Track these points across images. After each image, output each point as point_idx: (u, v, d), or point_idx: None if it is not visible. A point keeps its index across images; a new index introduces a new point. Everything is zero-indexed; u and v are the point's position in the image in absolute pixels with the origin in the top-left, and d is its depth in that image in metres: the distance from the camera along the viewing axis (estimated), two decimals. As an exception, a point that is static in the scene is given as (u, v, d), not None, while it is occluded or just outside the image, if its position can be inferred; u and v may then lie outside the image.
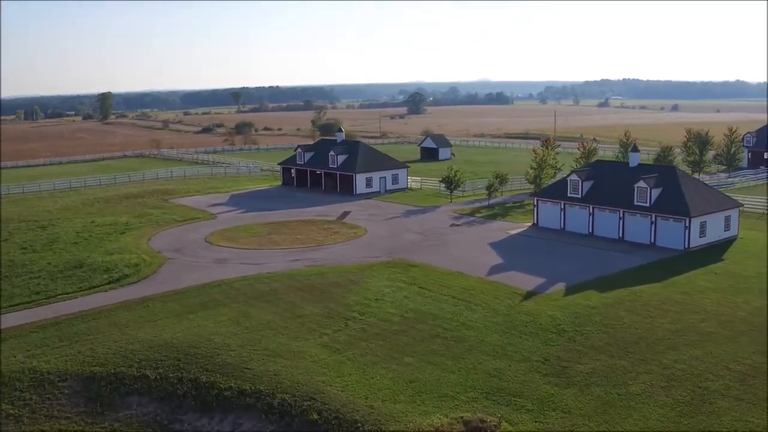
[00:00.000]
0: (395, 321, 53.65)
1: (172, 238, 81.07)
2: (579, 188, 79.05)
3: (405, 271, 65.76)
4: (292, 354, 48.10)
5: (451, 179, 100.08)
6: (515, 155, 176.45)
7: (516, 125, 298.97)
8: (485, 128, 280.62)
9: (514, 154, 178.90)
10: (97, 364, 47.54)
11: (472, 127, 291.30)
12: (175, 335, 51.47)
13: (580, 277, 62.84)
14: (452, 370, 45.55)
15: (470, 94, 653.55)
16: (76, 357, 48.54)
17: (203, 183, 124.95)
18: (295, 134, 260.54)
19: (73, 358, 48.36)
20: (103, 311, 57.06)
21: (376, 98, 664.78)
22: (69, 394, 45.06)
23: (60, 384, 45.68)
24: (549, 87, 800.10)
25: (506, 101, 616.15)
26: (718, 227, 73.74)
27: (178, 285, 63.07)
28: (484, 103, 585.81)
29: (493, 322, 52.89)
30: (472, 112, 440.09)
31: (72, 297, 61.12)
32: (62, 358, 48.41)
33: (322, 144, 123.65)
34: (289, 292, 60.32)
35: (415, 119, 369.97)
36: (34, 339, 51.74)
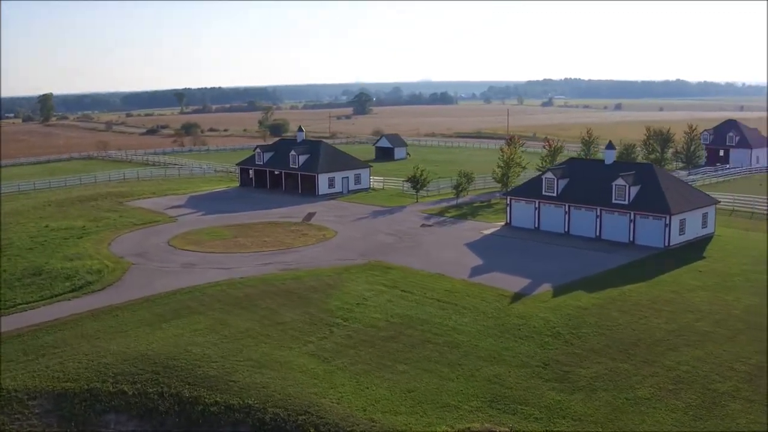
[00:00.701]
0: (382, 327, 51.31)
1: (133, 243, 77.26)
2: (554, 186, 77.75)
3: (383, 273, 63.45)
4: (278, 364, 45.38)
5: (417, 179, 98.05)
6: (470, 154, 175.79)
7: (465, 125, 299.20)
8: (434, 128, 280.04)
9: (469, 153, 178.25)
10: (68, 380, 44.08)
11: (422, 126, 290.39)
12: (150, 346, 48.26)
13: (564, 277, 61.37)
14: (450, 377, 43.44)
15: (414, 94, 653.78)
16: (44, 372, 44.97)
17: (158, 185, 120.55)
18: (242, 135, 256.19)
19: (42, 374, 44.79)
20: (69, 321, 53.43)
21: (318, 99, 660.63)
22: (40, 414, 41.63)
23: (29, 403, 42.17)
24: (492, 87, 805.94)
25: (450, 101, 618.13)
26: (696, 225, 73.22)
27: (147, 292, 59.65)
28: (429, 103, 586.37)
29: (484, 326, 50.94)
30: (419, 112, 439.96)
31: (33, 306, 57.27)
32: (29, 374, 44.81)
33: (282, 144, 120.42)
34: (266, 298, 57.48)
35: (362, 119, 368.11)
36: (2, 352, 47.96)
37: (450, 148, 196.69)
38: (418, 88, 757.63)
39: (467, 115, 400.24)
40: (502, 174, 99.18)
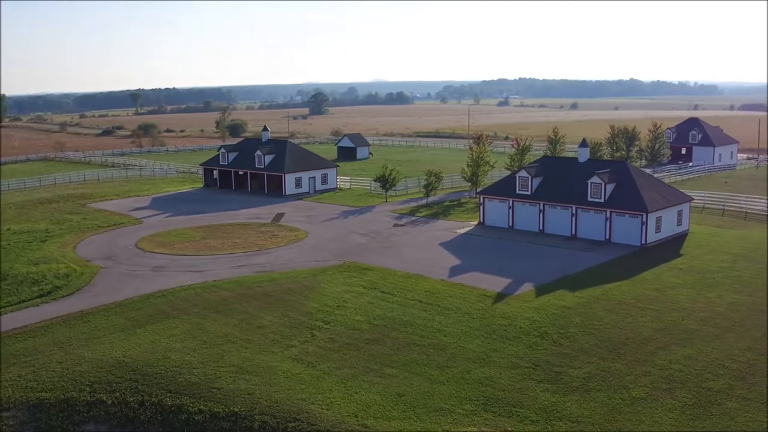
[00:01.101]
0: (364, 329, 50.12)
1: (99, 245, 74.87)
2: (528, 185, 77.31)
3: (360, 274, 62.25)
4: (262, 369, 43.92)
5: (386, 178, 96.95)
6: (433, 153, 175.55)
7: (423, 124, 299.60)
8: (393, 127, 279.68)
9: (432, 153, 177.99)
10: (43, 390, 42.09)
11: (380, 126, 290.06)
12: (126, 353, 46.44)
13: (545, 276, 60.85)
14: (440, 380, 42.42)
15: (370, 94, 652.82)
16: (17, 382, 42.90)
17: (119, 186, 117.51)
18: (200, 135, 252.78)
19: (15, 384, 42.71)
20: (39, 328, 51.24)
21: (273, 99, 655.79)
22: (15, 425, 39.65)
23: (3, 414, 40.20)
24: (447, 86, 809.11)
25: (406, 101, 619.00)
26: (672, 222, 73.33)
27: (118, 296, 57.64)
28: (385, 103, 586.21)
29: (470, 327, 50.08)
30: (376, 112, 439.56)
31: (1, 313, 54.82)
32: (2, 384, 42.66)
33: (247, 144, 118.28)
34: (242, 301, 55.89)
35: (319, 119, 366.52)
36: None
37: (412, 148, 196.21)
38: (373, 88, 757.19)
39: (424, 114, 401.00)
40: (471, 173, 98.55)
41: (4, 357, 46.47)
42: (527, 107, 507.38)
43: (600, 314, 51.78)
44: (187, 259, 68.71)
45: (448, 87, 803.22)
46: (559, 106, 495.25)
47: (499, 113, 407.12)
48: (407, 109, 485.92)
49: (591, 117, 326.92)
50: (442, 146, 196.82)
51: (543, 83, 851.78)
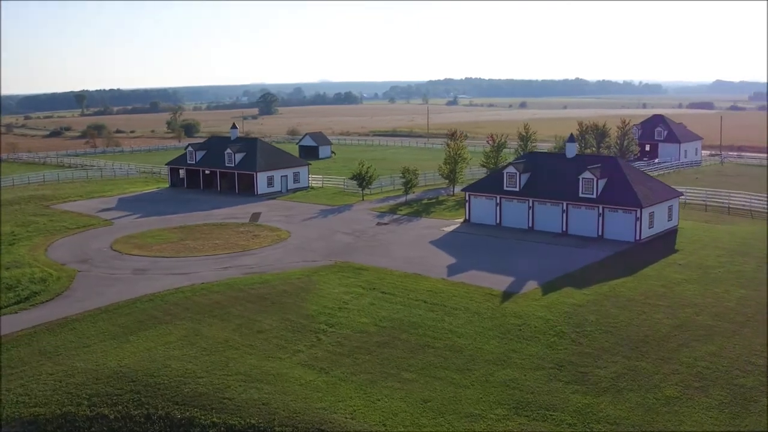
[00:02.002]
0: (372, 332, 47.80)
1: (72, 248, 71.01)
2: (516, 181, 75.72)
3: (355, 275, 59.83)
4: (272, 377, 41.29)
5: (363, 176, 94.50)
6: (394, 152, 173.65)
7: (376, 123, 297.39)
8: (346, 127, 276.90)
9: (393, 151, 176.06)
10: (37, 405, 38.87)
11: (333, 125, 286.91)
12: (122, 362, 43.33)
13: (547, 274, 59.29)
14: (464, 384, 40.37)
15: (318, 94, 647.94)
16: (7, 397, 39.64)
17: (81, 187, 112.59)
18: (152, 136, 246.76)
19: (4, 399, 39.50)
20: (22, 337, 47.72)
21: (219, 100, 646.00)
22: (10, 445, 36.27)
23: (-4, 433, 36.75)
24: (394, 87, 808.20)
25: (355, 101, 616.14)
26: (663, 218, 72.54)
27: (102, 301, 54.27)
28: (333, 103, 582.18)
29: (483, 327, 48.13)
30: (326, 112, 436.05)
31: (-26, 322, 51.01)
32: (-11, 400, 39.24)
33: (215, 142, 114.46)
34: (236, 304, 53.04)
35: (270, 119, 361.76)
36: (-56, 378, 42.07)
37: (372, 147, 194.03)
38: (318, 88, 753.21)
39: (375, 114, 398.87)
40: (449, 170, 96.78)
41: (-13, 370, 43.00)
42: (476, 106, 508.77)
43: (613, 312, 50.31)
44: (168, 261, 65.40)
45: (394, 87, 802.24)
46: (508, 105, 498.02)
47: (449, 112, 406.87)
48: (357, 109, 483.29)
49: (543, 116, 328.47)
50: (402, 145, 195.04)
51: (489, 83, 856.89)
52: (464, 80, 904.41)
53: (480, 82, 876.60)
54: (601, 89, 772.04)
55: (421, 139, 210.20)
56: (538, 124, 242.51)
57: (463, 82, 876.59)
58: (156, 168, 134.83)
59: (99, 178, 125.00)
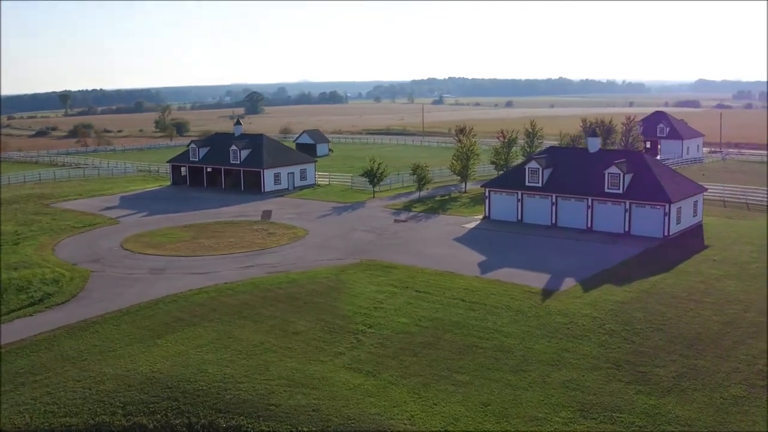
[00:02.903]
0: (414, 332, 45.50)
1: (81, 247, 68.20)
2: (539, 176, 73.62)
3: (385, 273, 57.51)
4: (317, 381, 38.87)
5: (374, 173, 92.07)
6: (391, 150, 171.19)
7: (367, 122, 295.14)
8: (335, 125, 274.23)
9: (389, 149, 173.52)
10: (66, 414, 36.20)
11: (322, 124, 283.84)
12: (153, 367, 40.73)
13: (582, 270, 57.31)
14: (520, 386, 38.15)
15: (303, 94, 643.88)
16: (34, 407, 36.88)
17: (80, 186, 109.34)
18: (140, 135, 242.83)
19: (32, 409, 36.69)
20: (41, 341, 45.01)
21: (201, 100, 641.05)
22: (44, 459, 33.63)
23: (27, 445, 34.08)
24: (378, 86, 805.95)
25: (340, 100, 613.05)
26: (689, 213, 70.81)
27: (121, 302, 51.59)
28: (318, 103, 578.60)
29: (529, 326, 46.00)
30: (313, 111, 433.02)
31: (-13, 325, 48.22)
32: (16, 410, 36.66)
33: (218, 138, 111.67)
34: (266, 305, 50.56)
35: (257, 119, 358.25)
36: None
37: (367, 144, 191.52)
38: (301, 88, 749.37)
39: (364, 113, 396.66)
40: (461, 166, 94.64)
41: (6, 377, 40.28)
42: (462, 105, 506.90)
43: (659, 309, 48.36)
44: (184, 261, 62.77)
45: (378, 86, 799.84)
46: (494, 104, 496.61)
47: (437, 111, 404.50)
48: (344, 108, 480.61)
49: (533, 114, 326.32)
50: (398, 143, 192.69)
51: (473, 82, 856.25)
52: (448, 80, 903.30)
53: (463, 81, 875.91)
54: (584, 88, 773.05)
55: (416, 137, 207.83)
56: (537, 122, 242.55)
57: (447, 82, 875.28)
58: (154, 166, 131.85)
59: (97, 177, 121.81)
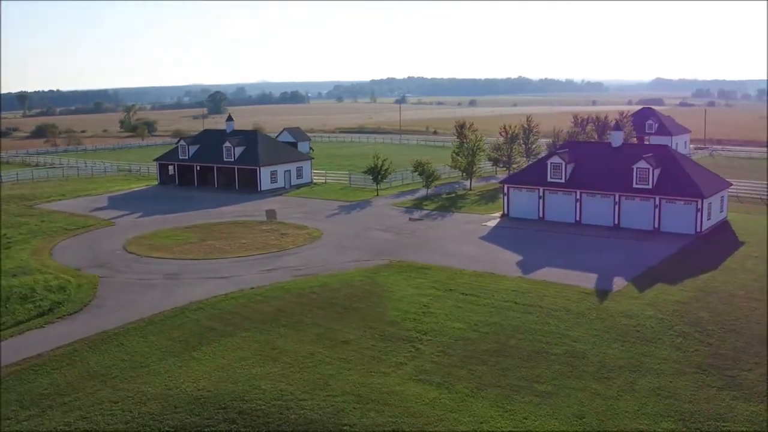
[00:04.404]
0: (474, 338, 41.82)
1: (80, 251, 63.19)
2: (562, 172, 70.43)
3: (421, 275, 53.74)
4: (387, 396, 34.96)
5: (379, 170, 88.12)
6: (371, 148, 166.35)
7: (337, 121, 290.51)
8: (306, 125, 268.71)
9: (370, 147, 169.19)
10: (111, 442, 31.68)
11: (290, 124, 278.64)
12: (198, 384, 36.36)
13: (628, 269, 54.39)
14: (609, 395, 34.82)
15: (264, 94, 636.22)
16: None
17: (61, 186, 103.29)
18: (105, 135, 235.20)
19: (68, 435, 32.07)
20: (61, 356, 40.30)
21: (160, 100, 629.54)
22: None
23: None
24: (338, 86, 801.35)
25: (302, 100, 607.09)
26: (717, 209, 68.35)
27: (141, 311, 46.99)
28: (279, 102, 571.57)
29: (595, 330, 42.72)
30: (277, 111, 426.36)
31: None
32: (50, 437, 31.98)
33: (208, 135, 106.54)
34: (304, 312, 46.41)
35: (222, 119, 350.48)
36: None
37: (345, 143, 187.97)
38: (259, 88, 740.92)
39: (329, 112, 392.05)
40: (467, 163, 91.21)
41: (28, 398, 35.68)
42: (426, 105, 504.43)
43: (723, 308, 45.76)
44: (198, 264, 58.19)
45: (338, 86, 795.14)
46: (457, 103, 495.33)
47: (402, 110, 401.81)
48: (307, 108, 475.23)
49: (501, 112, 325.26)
50: (376, 141, 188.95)
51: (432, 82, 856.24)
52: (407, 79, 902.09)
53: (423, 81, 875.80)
54: (543, 87, 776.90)
55: (392, 135, 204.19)
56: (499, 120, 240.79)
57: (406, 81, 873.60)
58: (134, 165, 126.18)
59: (77, 177, 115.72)
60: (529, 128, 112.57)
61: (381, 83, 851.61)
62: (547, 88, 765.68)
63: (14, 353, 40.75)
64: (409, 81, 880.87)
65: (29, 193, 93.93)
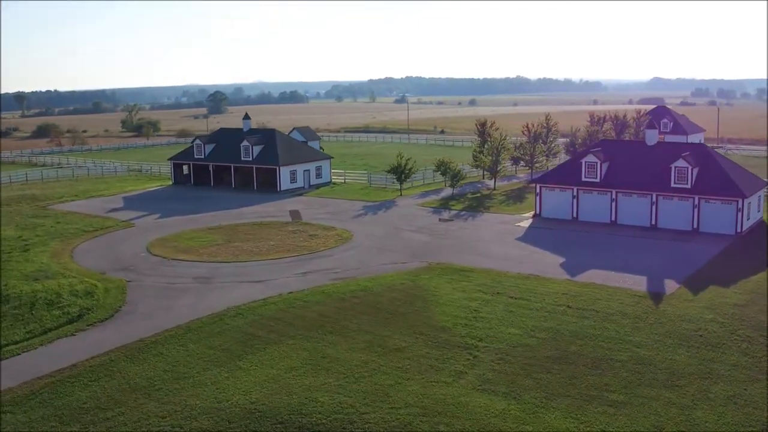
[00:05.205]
0: (533, 345, 39.77)
1: (102, 253, 61.00)
2: (597, 171, 68.38)
3: (464, 278, 51.67)
4: (454, 408, 32.92)
5: (402, 169, 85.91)
6: (380, 147, 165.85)
7: (340, 121, 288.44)
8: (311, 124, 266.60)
9: (379, 147, 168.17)
10: (166, 462, 29.51)
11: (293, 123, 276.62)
12: (249, 397, 34.25)
13: (675, 271, 52.58)
14: (684, 404, 33.10)
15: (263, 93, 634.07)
16: (121, 453, 30.10)
17: (72, 186, 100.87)
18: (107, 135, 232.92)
19: (119, 457, 29.88)
20: (97, 367, 38.08)
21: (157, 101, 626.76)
22: None
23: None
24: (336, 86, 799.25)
25: (302, 100, 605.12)
26: (755, 208, 66.46)
27: (176, 318, 44.81)
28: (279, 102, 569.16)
29: (657, 334, 40.83)
30: (278, 111, 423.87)
31: (27, 348, 41.14)
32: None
33: (224, 134, 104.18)
34: (349, 317, 44.29)
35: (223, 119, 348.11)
36: (14, 423, 32.43)
37: (352, 142, 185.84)
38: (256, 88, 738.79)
39: (331, 112, 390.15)
40: (491, 162, 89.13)
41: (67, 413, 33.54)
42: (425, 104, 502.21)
43: (788, 311, 43.60)
44: (229, 267, 56.03)
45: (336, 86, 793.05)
46: (458, 103, 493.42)
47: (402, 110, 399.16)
48: (307, 108, 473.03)
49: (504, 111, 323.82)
50: (384, 141, 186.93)
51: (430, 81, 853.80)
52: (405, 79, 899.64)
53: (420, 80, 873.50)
54: (542, 87, 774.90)
55: (401, 135, 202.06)
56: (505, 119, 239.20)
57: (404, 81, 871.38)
58: (145, 165, 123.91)
59: (87, 177, 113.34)
60: (548, 127, 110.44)
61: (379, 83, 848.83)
62: (546, 88, 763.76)
63: (47, 364, 38.55)
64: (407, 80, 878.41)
65: (40, 194, 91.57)
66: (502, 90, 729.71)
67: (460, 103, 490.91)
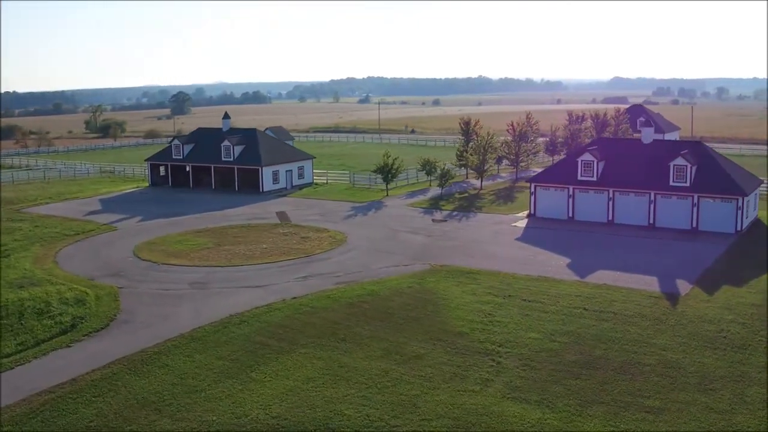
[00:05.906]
0: (556, 349, 38.39)
1: (88, 258, 58.42)
2: (593, 170, 67.39)
3: (472, 280, 50.19)
4: (487, 418, 31.44)
5: (389, 169, 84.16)
6: (353, 147, 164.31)
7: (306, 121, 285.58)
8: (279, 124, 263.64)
9: (352, 147, 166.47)
10: (191, 484, 27.46)
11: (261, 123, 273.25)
12: (269, 411, 32.30)
13: (685, 271, 51.81)
14: (723, 409, 32.18)
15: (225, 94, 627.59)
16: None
17: (44, 189, 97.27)
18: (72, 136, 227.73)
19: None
20: (100, 381, 35.80)
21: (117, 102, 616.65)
22: None
23: None
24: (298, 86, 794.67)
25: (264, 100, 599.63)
26: (752, 206, 66.08)
27: (177, 327, 42.62)
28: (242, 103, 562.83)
29: (680, 337, 39.84)
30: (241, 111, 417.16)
31: (21, 361, 38.58)
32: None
33: (203, 134, 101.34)
34: (360, 323, 42.52)
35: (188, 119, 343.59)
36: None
37: (323, 143, 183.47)
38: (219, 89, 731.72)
39: (296, 112, 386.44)
40: (479, 161, 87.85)
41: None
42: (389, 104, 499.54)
43: (806, 311, 42.90)
44: (225, 272, 53.83)
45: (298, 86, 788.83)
46: (421, 103, 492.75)
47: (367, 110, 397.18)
48: (270, 108, 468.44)
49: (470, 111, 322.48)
50: (356, 140, 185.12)
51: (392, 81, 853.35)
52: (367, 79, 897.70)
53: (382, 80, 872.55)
54: (503, 86, 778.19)
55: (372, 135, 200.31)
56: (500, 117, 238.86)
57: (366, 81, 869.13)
58: (119, 167, 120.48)
59: (59, 179, 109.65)
60: (529, 126, 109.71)
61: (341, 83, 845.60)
62: (507, 87, 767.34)
63: (44, 378, 36.11)
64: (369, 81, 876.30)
65: (13, 197, 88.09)
66: (465, 90, 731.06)
67: (424, 103, 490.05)
